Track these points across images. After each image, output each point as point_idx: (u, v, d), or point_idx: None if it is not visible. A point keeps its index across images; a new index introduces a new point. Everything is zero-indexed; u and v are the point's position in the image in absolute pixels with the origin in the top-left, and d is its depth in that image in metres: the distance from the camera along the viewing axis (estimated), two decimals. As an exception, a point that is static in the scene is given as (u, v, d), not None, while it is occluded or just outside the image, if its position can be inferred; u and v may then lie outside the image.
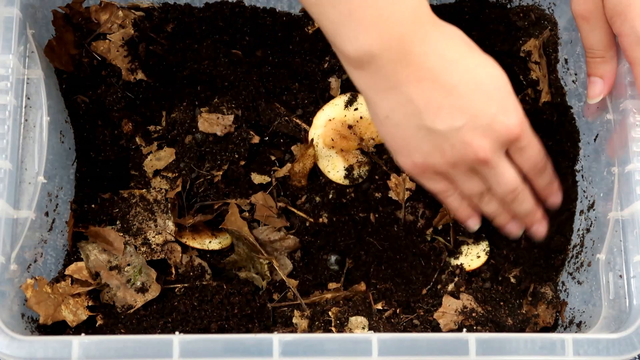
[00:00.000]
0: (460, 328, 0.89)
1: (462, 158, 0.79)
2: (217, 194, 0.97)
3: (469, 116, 0.76)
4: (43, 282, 0.87)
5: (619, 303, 0.81)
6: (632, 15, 0.80)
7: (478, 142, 0.77)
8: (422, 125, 0.77)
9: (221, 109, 0.99)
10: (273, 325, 0.91)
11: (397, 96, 0.76)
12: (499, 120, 0.77)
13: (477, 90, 0.76)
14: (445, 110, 0.76)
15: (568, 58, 1.00)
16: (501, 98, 0.78)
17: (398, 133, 0.80)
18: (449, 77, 0.75)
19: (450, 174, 0.82)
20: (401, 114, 0.77)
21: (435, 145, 0.79)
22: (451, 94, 0.75)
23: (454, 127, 0.76)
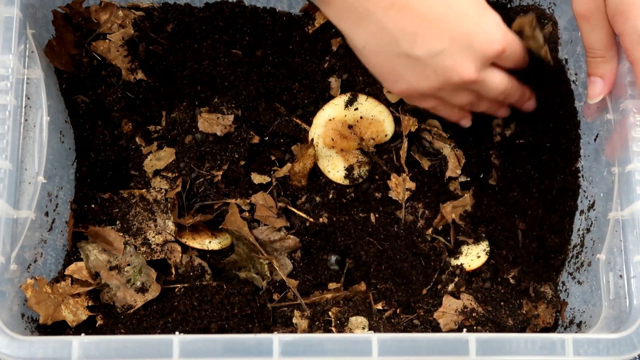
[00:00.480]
0: (461, 328, 0.89)
1: (447, 81, 0.79)
2: (217, 194, 0.97)
3: (447, 39, 0.75)
4: (43, 282, 0.87)
5: (619, 303, 0.81)
6: (633, 15, 0.80)
7: (461, 64, 0.77)
8: (400, 53, 0.77)
9: (221, 109, 0.99)
10: (273, 325, 0.91)
11: (369, 26, 0.75)
12: (480, 39, 0.76)
13: (451, 11, 0.75)
14: (421, 36, 0.75)
15: (568, 58, 1.00)
16: (477, 14, 0.77)
17: (378, 62, 0.80)
18: (418, 3, 0.74)
19: (439, 94, 0.82)
20: (377, 43, 0.77)
21: (417, 72, 0.78)
22: (424, 18, 0.74)
23: (433, 52, 0.76)
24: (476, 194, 0.99)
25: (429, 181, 1.00)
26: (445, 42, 0.75)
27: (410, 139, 1.01)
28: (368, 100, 1.01)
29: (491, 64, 0.81)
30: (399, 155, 0.99)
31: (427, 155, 1.01)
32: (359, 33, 0.77)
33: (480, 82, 0.80)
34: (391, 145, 1.00)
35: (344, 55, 1.04)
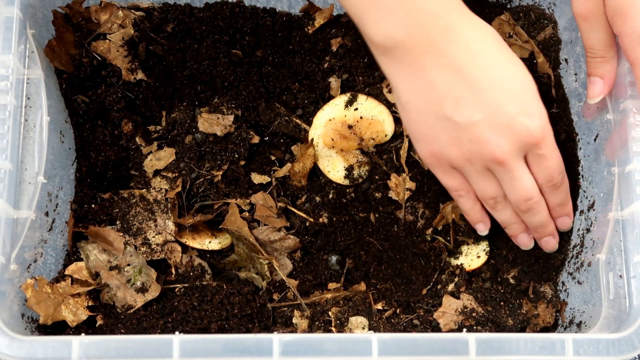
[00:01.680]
0: (460, 328, 0.89)
1: (478, 154, 0.79)
2: (217, 194, 0.97)
3: (489, 112, 0.75)
4: (43, 282, 0.87)
5: (619, 303, 0.81)
6: (633, 15, 0.80)
7: (496, 140, 0.77)
8: (441, 115, 0.77)
9: (221, 109, 0.99)
10: (273, 325, 0.91)
11: (419, 82, 0.76)
12: (520, 121, 0.76)
13: (500, 87, 0.76)
14: (465, 102, 0.75)
15: (568, 58, 1.00)
16: (525, 100, 0.77)
17: (419, 119, 0.80)
18: (473, 68, 0.75)
19: (466, 170, 0.81)
20: (422, 100, 0.77)
21: (453, 137, 0.78)
22: (473, 86, 0.75)
23: (472, 121, 0.76)
24: (476, 194, 0.99)
25: (429, 181, 1.00)
26: (485, 113, 0.75)
27: (410, 139, 1.01)
28: (368, 100, 1.01)
29: (525, 160, 0.81)
30: (399, 155, 0.99)
31: (427, 155, 1.01)
32: (407, 87, 0.78)
33: (508, 167, 0.79)
34: (391, 145, 1.00)
35: (344, 55, 1.04)
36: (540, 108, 0.79)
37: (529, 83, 0.78)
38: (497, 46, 0.77)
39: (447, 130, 0.78)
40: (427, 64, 0.75)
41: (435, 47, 0.74)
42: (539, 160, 0.81)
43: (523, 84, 0.78)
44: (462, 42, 0.75)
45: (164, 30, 1.02)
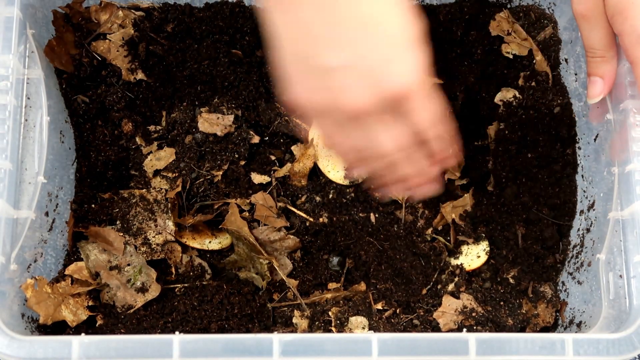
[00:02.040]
0: (460, 328, 0.89)
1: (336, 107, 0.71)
2: (217, 194, 0.97)
3: (352, 58, 0.68)
4: (43, 282, 0.87)
5: (619, 303, 0.81)
6: (632, 14, 0.79)
7: (356, 88, 0.69)
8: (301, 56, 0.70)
9: (221, 109, 0.99)
10: (273, 325, 0.91)
11: (293, 16, 0.68)
12: (388, 73, 0.69)
13: (374, 30, 0.68)
14: (324, 44, 0.68)
15: (568, 58, 1.00)
16: (399, 47, 0.69)
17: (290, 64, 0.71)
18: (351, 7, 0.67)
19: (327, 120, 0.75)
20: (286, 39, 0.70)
21: (311, 82, 0.71)
22: (338, 26, 0.68)
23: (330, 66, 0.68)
24: (476, 194, 0.99)
25: (429, 181, 1.00)
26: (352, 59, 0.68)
27: (410, 139, 1.01)
28: (368, 100, 1.01)
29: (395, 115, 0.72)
30: (399, 155, 0.99)
31: (427, 155, 1.01)
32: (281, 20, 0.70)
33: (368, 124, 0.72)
34: (391, 145, 1.00)
35: (344, 55, 1.04)
36: (414, 57, 0.70)
37: (407, 29, 0.70)
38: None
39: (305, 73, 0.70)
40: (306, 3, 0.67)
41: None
42: (407, 114, 0.73)
43: (397, 28, 0.69)
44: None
45: (164, 30, 1.02)
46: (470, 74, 1.02)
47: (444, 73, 1.02)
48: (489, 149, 1.00)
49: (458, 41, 1.03)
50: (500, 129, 0.99)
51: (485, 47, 1.03)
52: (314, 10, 0.68)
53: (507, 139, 0.98)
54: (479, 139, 1.01)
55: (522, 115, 0.98)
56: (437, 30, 1.03)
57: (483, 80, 1.02)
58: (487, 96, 1.02)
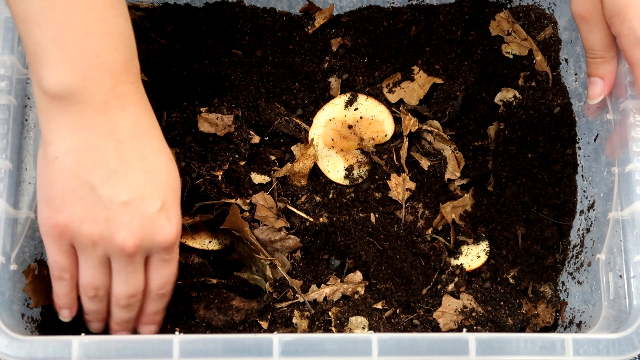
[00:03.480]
0: (460, 328, 0.89)
1: (108, 238, 0.72)
2: (217, 194, 0.97)
3: (135, 198, 0.71)
4: (43, 264, 0.86)
5: (619, 303, 0.81)
6: (630, 16, 0.79)
7: (131, 230, 0.71)
8: (87, 182, 0.70)
9: (221, 109, 0.99)
10: (273, 325, 0.91)
11: (77, 140, 0.69)
12: (161, 220, 0.72)
13: (154, 176, 0.72)
14: (116, 178, 0.70)
15: (568, 58, 1.00)
16: (169, 198, 0.74)
17: (59, 180, 0.71)
18: (134, 146, 0.70)
19: (85, 252, 0.74)
20: (73, 160, 0.70)
21: (89, 210, 0.71)
22: (129, 164, 0.70)
23: (117, 201, 0.70)
24: (476, 194, 0.99)
25: (428, 181, 1.00)
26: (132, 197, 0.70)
27: (410, 139, 1.01)
28: (368, 100, 1.01)
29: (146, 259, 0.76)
30: (399, 155, 0.99)
31: (427, 156, 1.01)
32: (63, 143, 0.70)
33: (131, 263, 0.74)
34: (391, 145, 1.00)
35: (344, 55, 1.04)
36: (178, 212, 0.75)
37: (177, 184, 0.75)
38: (159, 136, 0.73)
39: (87, 200, 0.71)
40: (93, 124, 0.68)
41: (107, 109, 0.68)
42: (162, 264, 0.77)
43: (172, 182, 0.74)
44: (133, 116, 0.70)
45: (164, 30, 1.02)
46: (470, 74, 1.02)
47: (444, 73, 1.02)
48: (489, 149, 1.00)
49: (458, 41, 1.03)
50: (500, 129, 0.99)
51: (485, 47, 1.03)
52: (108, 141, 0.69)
53: (507, 139, 0.98)
54: (479, 139, 1.01)
55: (522, 115, 0.98)
56: (437, 30, 1.03)
57: (483, 80, 1.02)
58: (487, 96, 1.02)
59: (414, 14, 1.04)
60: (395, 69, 1.04)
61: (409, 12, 1.04)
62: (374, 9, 1.04)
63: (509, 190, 0.98)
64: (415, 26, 1.04)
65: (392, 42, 1.04)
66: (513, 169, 0.98)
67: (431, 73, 1.02)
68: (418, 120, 1.00)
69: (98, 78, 0.69)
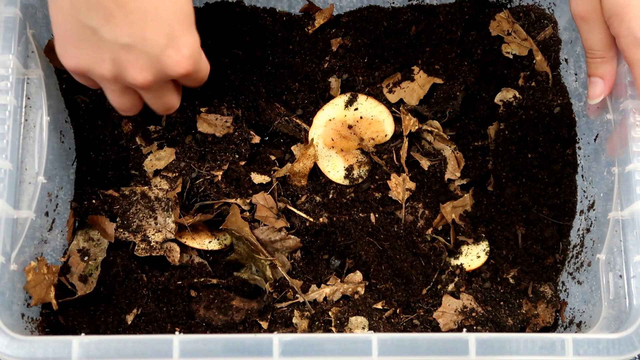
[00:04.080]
0: (460, 328, 0.89)
1: (120, 76, 0.74)
2: (217, 193, 0.97)
3: (139, 38, 0.71)
4: (43, 262, 0.87)
5: (619, 303, 0.81)
6: (629, 17, 0.80)
7: (139, 68, 0.73)
8: (88, 25, 0.71)
9: (221, 109, 0.99)
10: (273, 325, 0.91)
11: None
12: (169, 54, 0.73)
13: (156, 13, 0.71)
14: (115, 21, 0.70)
15: (568, 58, 1.00)
16: (176, 28, 0.73)
17: (61, 22, 0.73)
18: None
19: (104, 85, 0.77)
20: (68, 2, 0.71)
21: (95, 51, 0.73)
22: (124, 5, 0.69)
23: (119, 43, 0.71)
24: (476, 194, 0.99)
25: (428, 181, 1.00)
26: (135, 38, 0.70)
27: (410, 139, 1.01)
28: (368, 101, 1.01)
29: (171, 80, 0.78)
30: (399, 155, 0.99)
31: (427, 156, 1.01)
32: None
33: (153, 91, 0.77)
34: (391, 145, 1.00)
35: (344, 55, 1.04)
36: (190, 38, 0.75)
37: (185, 10, 0.74)
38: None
39: (90, 42, 0.72)
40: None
41: None
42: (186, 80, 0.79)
43: (177, 13, 0.73)
44: None
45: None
46: (470, 74, 1.02)
47: (444, 73, 1.02)
48: (489, 149, 1.00)
49: (458, 41, 1.03)
50: (500, 129, 0.99)
51: (485, 47, 1.03)
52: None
53: (507, 139, 0.98)
54: (479, 139, 1.01)
55: (522, 115, 0.98)
56: (437, 30, 1.03)
57: (483, 80, 1.02)
58: (487, 96, 1.02)
59: (414, 14, 1.04)
60: (395, 69, 1.04)
61: (409, 12, 1.04)
62: (374, 9, 1.04)
63: (509, 190, 0.98)
64: (415, 26, 1.04)
65: (392, 42, 1.04)
66: (513, 169, 0.98)
67: (431, 73, 1.02)
68: (418, 120, 1.00)
69: None
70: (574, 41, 0.99)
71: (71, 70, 0.76)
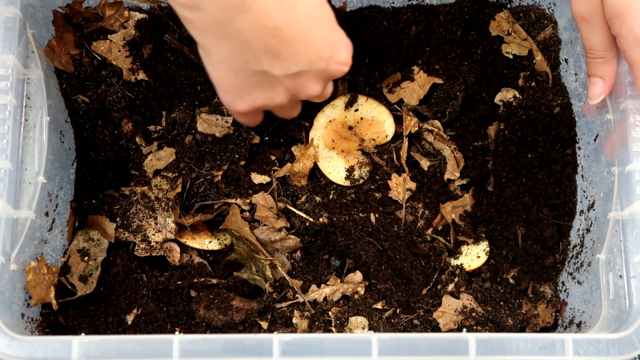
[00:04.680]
0: (460, 328, 0.89)
1: (294, 97, 0.82)
2: (217, 194, 0.97)
3: (306, 62, 0.77)
4: (43, 262, 0.87)
5: (619, 303, 0.81)
6: (630, 17, 0.80)
7: (312, 84, 0.80)
8: (258, 71, 0.77)
9: (221, 109, 0.99)
10: (273, 325, 0.91)
11: (233, 43, 0.75)
12: (333, 62, 0.78)
13: (312, 34, 0.76)
14: (282, 57, 0.75)
15: (568, 58, 1.00)
16: (334, 38, 0.78)
17: (232, 77, 0.80)
18: (287, 23, 0.74)
19: (277, 108, 0.85)
20: (237, 59, 0.77)
21: (268, 89, 0.80)
22: (289, 41, 0.75)
23: (291, 72, 0.77)
24: (476, 194, 0.99)
25: (429, 181, 1.00)
26: (303, 64, 0.77)
27: (410, 139, 1.01)
28: (368, 102, 1.01)
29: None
30: (399, 156, 0.99)
31: (427, 156, 1.01)
32: (221, 49, 0.76)
33: (318, 96, 0.83)
34: (392, 146, 1.00)
35: (344, 55, 1.04)
36: (344, 39, 0.80)
37: (331, 14, 0.78)
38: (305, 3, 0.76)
39: (264, 84, 0.79)
40: (242, 26, 0.73)
41: (248, 7, 0.72)
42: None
43: (331, 22, 0.78)
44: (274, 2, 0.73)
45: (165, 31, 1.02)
46: (470, 74, 1.02)
47: (444, 73, 1.02)
48: (489, 149, 1.00)
49: (458, 41, 1.03)
50: (500, 129, 0.99)
51: (485, 47, 1.03)
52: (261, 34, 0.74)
53: (507, 139, 0.98)
54: (479, 139, 1.01)
55: (522, 115, 0.98)
56: (437, 30, 1.03)
57: (483, 80, 1.02)
58: (487, 96, 1.02)
59: (414, 14, 1.04)
60: (395, 69, 1.04)
61: (409, 12, 1.04)
62: (374, 9, 1.04)
63: (509, 190, 0.98)
64: (415, 26, 1.04)
65: (392, 42, 1.04)
66: (513, 169, 0.98)
67: (431, 73, 1.02)
68: (419, 121, 1.00)
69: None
70: (574, 41, 0.99)
71: (246, 112, 0.84)
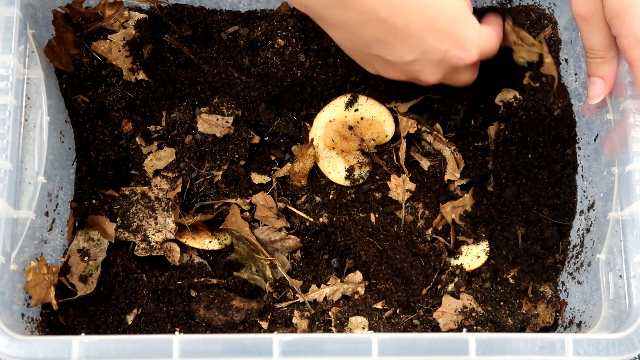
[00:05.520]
0: (460, 328, 0.89)
1: (413, 78, 0.86)
2: (217, 194, 0.97)
3: (420, 52, 0.79)
4: (43, 262, 0.87)
5: (619, 303, 0.81)
6: (630, 17, 0.80)
7: (429, 72, 0.82)
8: (372, 55, 0.81)
9: (221, 109, 0.99)
10: (273, 325, 0.91)
11: (343, 32, 0.80)
12: (452, 54, 0.80)
13: (428, 27, 0.77)
14: (394, 46, 0.78)
15: (568, 58, 1.00)
16: (455, 30, 0.79)
17: (353, 54, 0.87)
18: (397, 19, 0.76)
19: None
20: (351, 43, 0.82)
21: (387, 67, 0.85)
22: (398, 34, 0.77)
23: (405, 60, 0.80)
24: (476, 194, 0.99)
25: (428, 181, 1.00)
26: (417, 54, 0.79)
27: (411, 140, 1.01)
28: (368, 101, 1.01)
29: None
30: (398, 156, 0.99)
31: (427, 156, 1.01)
32: (335, 35, 0.83)
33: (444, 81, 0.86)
34: (392, 146, 1.00)
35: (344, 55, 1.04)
36: (468, 28, 0.81)
37: (458, 9, 0.80)
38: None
39: (382, 62, 0.84)
40: (346, 20, 0.77)
41: (351, 5, 0.75)
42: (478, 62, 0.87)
43: (452, 13, 0.79)
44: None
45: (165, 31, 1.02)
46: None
47: None
48: (489, 149, 1.00)
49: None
50: (500, 130, 0.99)
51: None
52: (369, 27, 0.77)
53: (507, 140, 0.98)
54: (479, 139, 1.01)
55: (522, 115, 0.98)
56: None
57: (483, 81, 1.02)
58: (487, 96, 1.02)
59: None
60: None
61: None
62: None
63: (509, 191, 0.98)
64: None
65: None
66: (513, 169, 0.98)
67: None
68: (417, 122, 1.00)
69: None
70: (574, 41, 0.99)
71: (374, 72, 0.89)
